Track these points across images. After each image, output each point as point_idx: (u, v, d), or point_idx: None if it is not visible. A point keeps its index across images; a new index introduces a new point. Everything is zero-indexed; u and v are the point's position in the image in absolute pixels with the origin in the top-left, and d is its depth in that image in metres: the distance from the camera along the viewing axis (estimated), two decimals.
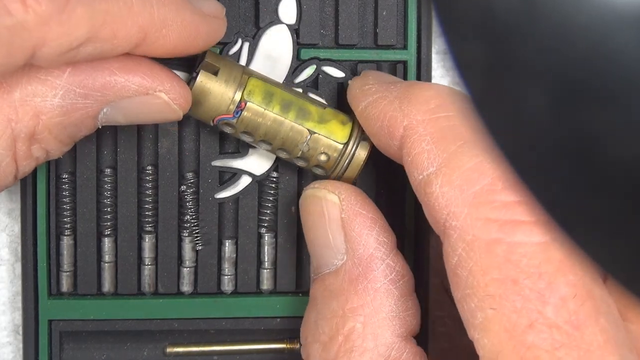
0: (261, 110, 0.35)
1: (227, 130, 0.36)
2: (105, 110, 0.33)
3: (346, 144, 0.36)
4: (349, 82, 0.37)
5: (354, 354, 0.33)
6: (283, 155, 0.37)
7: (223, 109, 0.35)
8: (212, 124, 0.36)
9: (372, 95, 0.35)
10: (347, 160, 0.36)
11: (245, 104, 0.35)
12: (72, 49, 0.30)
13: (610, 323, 0.29)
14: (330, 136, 0.36)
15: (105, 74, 0.33)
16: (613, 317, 0.29)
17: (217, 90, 0.35)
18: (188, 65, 0.37)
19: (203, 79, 0.35)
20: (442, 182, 0.31)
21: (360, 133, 0.36)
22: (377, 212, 0.35)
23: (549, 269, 0.29)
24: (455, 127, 0.32)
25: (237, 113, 0.35)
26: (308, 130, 0.36)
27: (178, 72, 0.37)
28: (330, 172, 0.36)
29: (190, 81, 0.35)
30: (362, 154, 0.36)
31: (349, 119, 0.36)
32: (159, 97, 0.34)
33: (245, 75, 0.35)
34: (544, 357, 0.28)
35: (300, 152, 0.36)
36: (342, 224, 0.35)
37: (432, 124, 0.32)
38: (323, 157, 0.36)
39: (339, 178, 0.37)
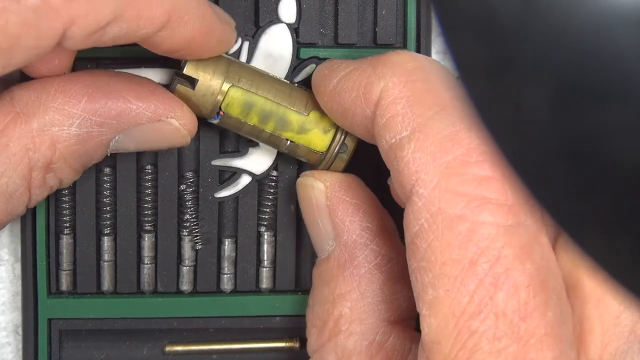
0: (240, 120, 0.36)
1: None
2: (117, 137, 0.34)
3: (325, 153, 0.36)
4: (315, 70, 0.36)
5: (340, 337, 0.34)
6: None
7: (204, 114, 0.36)
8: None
9: (344, 69, 0.33)
10: (327, 167, 0.37)
11: (224, 114, 0.35)
12: (100, 28, 0.30)
13: (557, 317, 0.28)
14: (309, 145, 0.36)
15: (121, 102, 0.33)
16: (561, 310, 0.29)
17: (194, 100, 0.35)
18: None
19: (180, 92, 0.35)
20: (415, 147, 0.29)
21: (341, 142, 0.36)
22: (362, 198, 0.35)
23: (509, 253, 0.28)
24: (433, 91, 0.30)
25: (217, 117, 0.36)
26: (286, 139, 0.36)
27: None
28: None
29: (170, 85, 0.36)
30: (339, 164, 0.36)
31: (332, 125, 0.36)
32: (170, 124, 0.34)
33: (223, 89, 0.35)
34: (485, 347, 0.28)
35: (285, 149, 0.37)
36: (328, 211, 0.35)
37: (409, 87, 0.31)
38: (304, 159, 0.37)
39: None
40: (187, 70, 0.35)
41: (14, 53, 0.29)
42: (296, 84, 0.37)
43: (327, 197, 0.35)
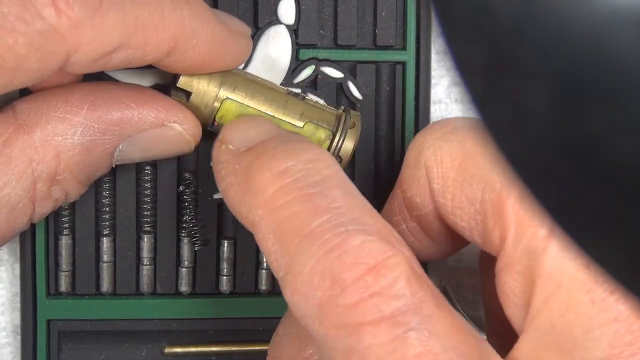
0: None
1: None
2: (121, 146, 0.34)
3: None
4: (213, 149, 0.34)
5: None
6: None
7: (201, 121, 0.36)
8: None
9: (222, 181, 0.32)
10: None
11: (218, 124, 0.36)
12: (105, 55, 0.31)
13: None
14: None
15: (122, 108, 0.33)
16: None
17: (190, 111, 0.35)
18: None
19: None
20: (291, 291, 0.29)
21: (337, 152, 0.36)
22: None
23: None
24: (293, 216, 0.29)
25: (212, 127, 0.36)
26: None
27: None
28: None
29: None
30: None
31: (328, 137, 0.36)
32: (173, 128, 0.34)
33: (217, 102, 0.35)
34: None
35: None
36: None
37: (272, 218, 0.30)
38: None
39: None
40: (181, 83, 0.35)
41: (17, 73, 0.29)
42: (292, 93, 0.36)
43: None
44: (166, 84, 0.37)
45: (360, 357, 0.28)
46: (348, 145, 0.36)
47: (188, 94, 0.35)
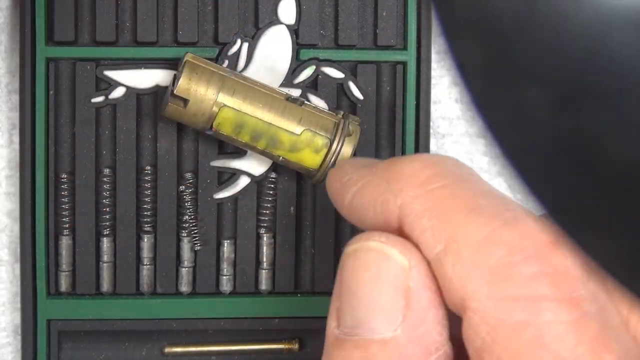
0: (232, 137, 0.36)
1: None
2: None
3: (316, 170, 0.36)
4: (327, 177, 0.32)
5: None
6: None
7: (198, 126, 0.36)
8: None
9: (354, 184, 0.31)
10: (318, 182, 0.37)
11: (216, 130, 0.35)
12: None
13: None
14: (301, 162, 0.36)
15: None
16: None
17: (186, 118, 0.35)
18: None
19: (171, 111, 0.35)
20: (454, 261, 0.27)
21: (332, 162, 0.36)
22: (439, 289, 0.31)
23: (583, 350, 0.26)
24: (454, 195, 0.28)
25: (210, 131, 0.36)
26: (279, 155, 0.36)
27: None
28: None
29: (162, 103, 0.36)
30: None
31: (325, 145, 0.36)
32: None
33: (214, 110, 0.35)
34: None
35: (279, 162, 0.37)
36: (408, 294, 0.30)
37: (428, 198, 0.29)
38: (299, 171, 0.37)
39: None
40: (179, 90, 0.35)
41: None
42: (291, 98, 0.36)
43: (411, 277, 0.30)
44: (166, 85, 0.37)
45: (536, 332, 0.26)
46: (345, 153, 0.36)
47: (186, 101, 0.35)
